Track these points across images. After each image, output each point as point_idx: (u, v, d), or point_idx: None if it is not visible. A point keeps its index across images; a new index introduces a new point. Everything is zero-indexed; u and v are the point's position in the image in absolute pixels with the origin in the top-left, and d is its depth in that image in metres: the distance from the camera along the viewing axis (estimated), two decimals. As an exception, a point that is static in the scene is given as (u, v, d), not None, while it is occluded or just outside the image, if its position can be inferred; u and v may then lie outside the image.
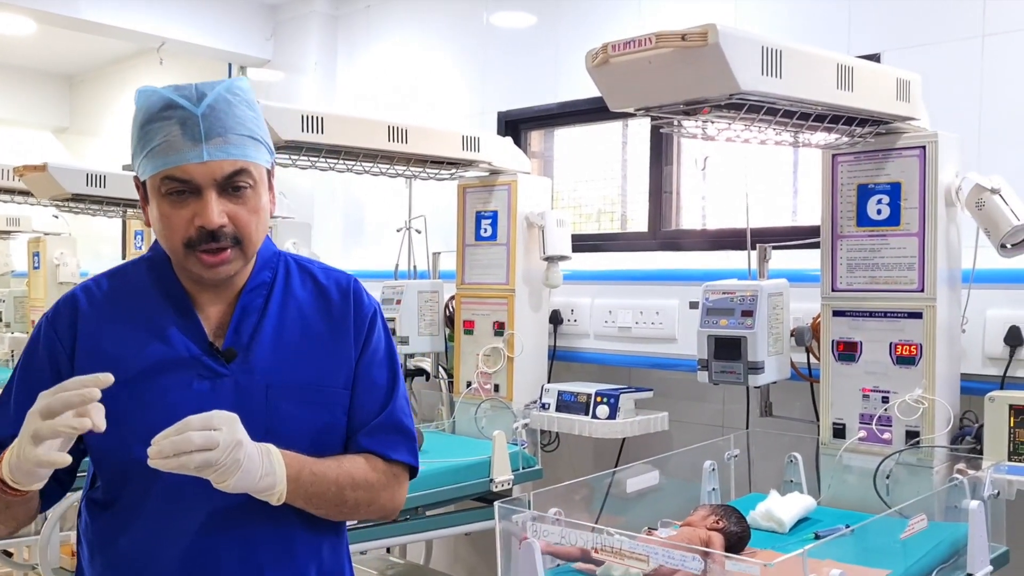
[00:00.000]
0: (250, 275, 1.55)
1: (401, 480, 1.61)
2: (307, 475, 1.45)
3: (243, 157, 1.43)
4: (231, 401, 1.45)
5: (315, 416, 1.52)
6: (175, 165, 1.40)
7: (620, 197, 3.98)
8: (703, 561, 1.69)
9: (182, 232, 1.43)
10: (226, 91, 1.44)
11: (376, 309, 1.63)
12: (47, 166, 3.92)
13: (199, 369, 1.48)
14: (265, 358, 1.51)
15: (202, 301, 1.53)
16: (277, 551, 1.50)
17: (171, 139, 1.40)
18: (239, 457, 1.32)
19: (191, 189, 1.41)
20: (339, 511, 1.53)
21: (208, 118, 1.41)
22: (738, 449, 2.69)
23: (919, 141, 2.45)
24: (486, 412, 3.44)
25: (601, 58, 1.99)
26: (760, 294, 2.67)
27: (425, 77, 4.51)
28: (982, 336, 2.64)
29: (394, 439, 1.59)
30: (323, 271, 1.63)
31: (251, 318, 1.52)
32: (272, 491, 1.40)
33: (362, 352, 1.58)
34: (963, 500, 2.18)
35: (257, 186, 1.46)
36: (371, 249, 4.74)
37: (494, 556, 1.95)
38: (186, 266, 1.47)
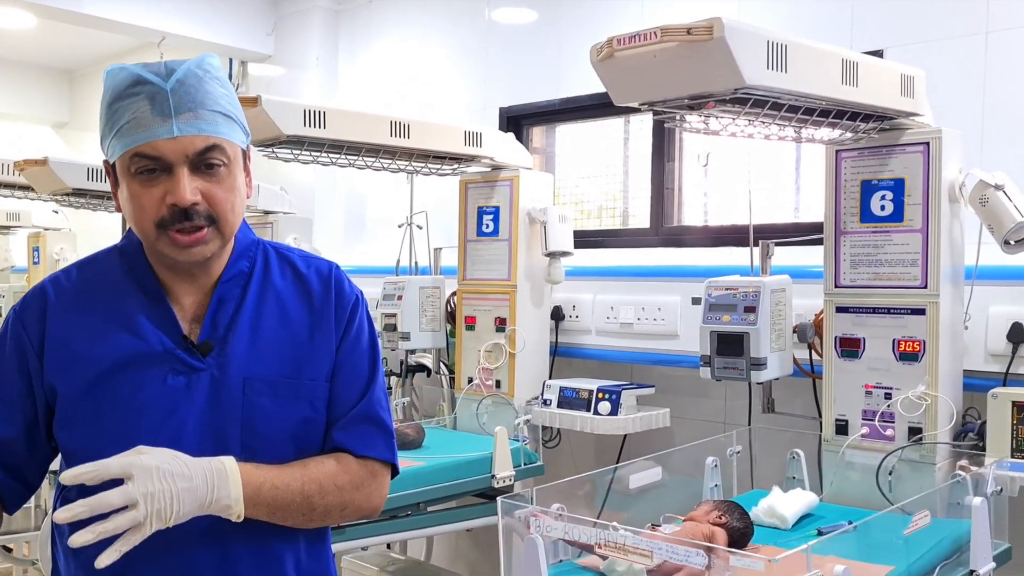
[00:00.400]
0: (227, 264, 1.48)
1: (379, 477, 1.53)
2: (268, 489, 1.38)
3: (215, 133, 1.37)
4: (206, 397, 1.41)
5: (295, 410, 1.46)
6: (144, 142, 1.34)
7: (621, 193, 3.97)
8: (707, 556, 1.68)
9: (153, 212, 1.36)
10: (196, 67, 1.38)
11: (358, 297, 1.57)
12: (48, 160, 3.91)
13: (173, 363, 1.41)
14: (243, 351, 1.44)
15: (177, 292, 1.46)
16: (253, 557, 1.44)
17: (140, 116, 1.34)
18: (163, 506, 1.26)
19: (162, 167, 1.35)
20: (308, 519, 1.45)
21: (177, 92, 1.35)
22: (740, 445, 2.69)
23: (923, 137, 2.44)
24: (487, 408, 3.44)
25: (606, 52, 1.98)
26: (763, 290, 2.67)
27: (427, 72, 4.51)
28: (985, 333, 2.64)
29: (369, 433, 1.51)
30: (303, 259, 1.57)
31: (228, 309, 1.46)
32: (229, 512, 1.34)
33: (342, 340, 1.52)
34: (966, 497, 2.18)
35: (231, 165, 1.40)
36: (372, 245, 4.73)
37: (495, 552, 1.95)
38: (159, 249, 1.40)
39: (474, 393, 3.51)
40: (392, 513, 2.83)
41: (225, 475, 1.33)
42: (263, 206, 4.35)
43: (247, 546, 1.43)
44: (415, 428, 3.24)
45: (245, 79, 5.24)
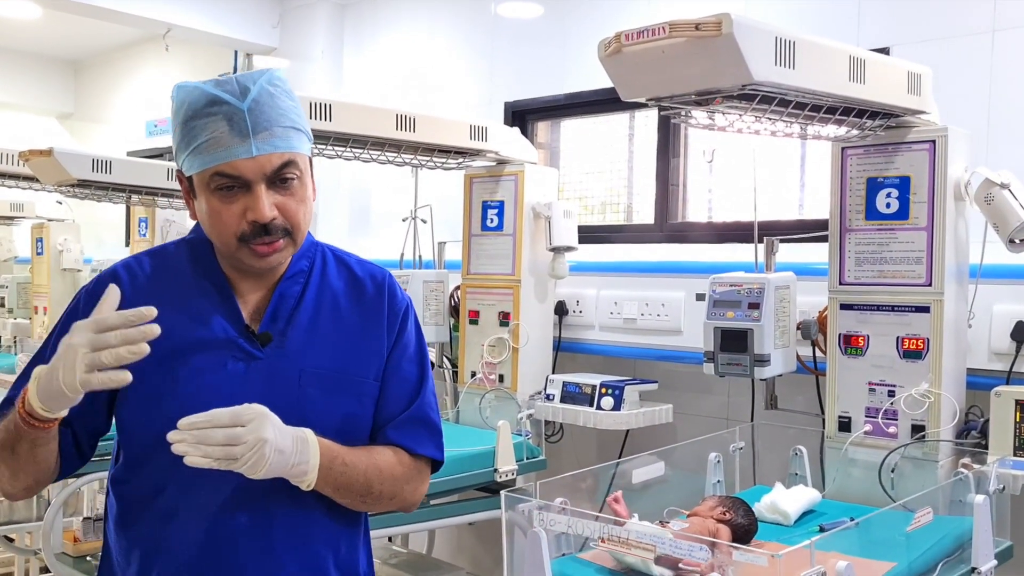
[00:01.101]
0: (289, 263, 1.57)
1: (424, 474, 1.64)
2: (339, 465, 1.47)
3: (289, 149, 1.45)
4: (263, 384, 1.48)
5: (344, 404, 1.54)
6: (224, 161, 1.41)
7: (626, 189, 3.97)
8: (710, 551, 1.69)
9: (234, 227, 1.45)
10: (268, 84, 1.46)
11: (409, 304, 1.66)
12: (53, 151, 3.91)
13: (234, 351, 1.50)
14: (299, 344, 1.53)
15: (241, 287, 1.55)
16: (295, 537, 1.51)
17: (218, 135, 1.41)
18: (265, 453, 1.34)
19: (240, 184, 1.43)
20: (363, 501, 1.55)
21: (254, 112, 1.42)
22: (743, 442, 2.70)
23: (929, 135, 2.44)
24: (490, 402, 3.44)
25: (614, 47, 1.98)
26: (767, 287, 2.67)
27: (432, 67, 4.51)
28: (988, 331, 2.64)
29: (421, 433, 1.61)
30: (359, 263, 1.66)
31: (288, 304, 1.55)
32: (304, 478, 1.43)
33: (394, 346, 1.61)
34: (968, 494, 2.18)
35: (303, 176, 1.49)
36: (376, 238, 4.73)
37: (497, 546, 1.95)
38: (238, 257, 1.49)
39: (477, 387, 3.51)
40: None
41: (307, 444, 1.43)
42: (267, 199, 4.35)
43: (289, 520, 1.50)
44: (418, 421, 3.24)
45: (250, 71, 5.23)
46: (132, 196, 4.23)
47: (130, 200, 4.33)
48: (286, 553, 1.50)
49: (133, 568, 1.51)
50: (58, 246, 5.55)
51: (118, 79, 6.76)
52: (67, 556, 3.23)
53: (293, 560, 1.51)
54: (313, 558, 1.54)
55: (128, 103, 6.58)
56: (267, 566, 1.49)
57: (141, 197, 4.27)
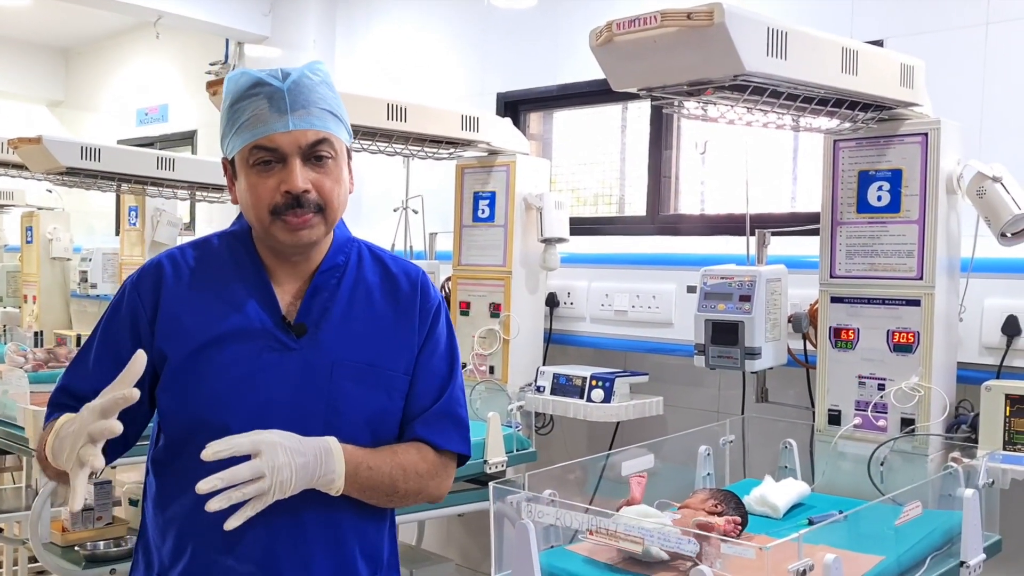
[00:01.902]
0: (325, 256, 1.62)
1: (450, 469, 1.68)
2: (364, 470, 1.52)
3: (324, 128, 1.52)
4: (297, 375, 1.53)
5: (375, 397, 1.58)
6: (263, 135, 1.49)
7: (618, 181, 3.96)
8: (698, 544, 1.69)
9: (268, 199, 1.50)
10: (309, 71, 1.54)
11: (440, 302, 1.70)
12: (42, 139, 3.89)
13: (270, 341, 1.54)
14: (333, 336, 1.57)
15: (280, 276, 1.60)
16: (324, 519, 1.56)
17: (259, 112, 1.50)
18: (285, 478, 1.41)
19: (277, 158, 1.50)
20: (389, 500, 1.60)
21: (293, 92, 1.50)
22: (733, 435, 2.69)
23: (921, 128, 2.44)
24: (481, 394, 3.43)
25: (605, 36, 1.97)
26: (758, 279, 2.66)
27: (424, 57, 4.49)
28: (979, 325, 2.64)
29: (448, 429, 1.66)
30: (393, 261, 1.70)
31: (323, 297, 1.59)
32: (331, 487, 1.49)
33: (425, 342, 1.65)
34: (957, 488, 2.18)
35: (338, 158, 1.55)
36: (367, 228, 4.70)
37: (486, 537, 1.95)
38: (272, 232, 1.53)
39: (468, 379, 3.49)
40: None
41: (331, 454, 1.48)
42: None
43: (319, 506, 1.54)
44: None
45: (241, 60, 5.21)
46: (122, 185, 4.21)
47: (120, 189, 4.31)
48: (315, 536, 1.55)
49: (168, 545, 1.56)
50: (48, 234, 5.53)
51: (109, 67, 6.72)
52: (55, 546, 3.21)
53: (320, 544, 1.56)
54: (342, 546, 1.59)
55: (119, 91, 6.54)
56: (297, 546, 1.54)
57: (131, 186, 4.24)
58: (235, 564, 1.52)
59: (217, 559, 1.53)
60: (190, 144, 5.86)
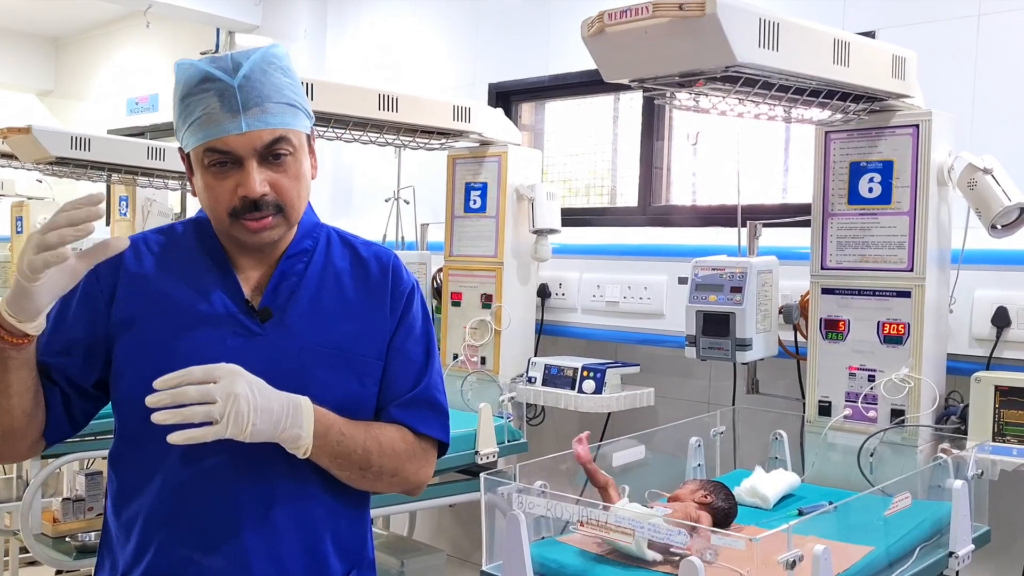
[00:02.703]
0: (291, 242, 1.58)
1: (430, 455, 1.63)
2: (335, 433, 1.47)
3: (281, 125, 1.46)
4: (263, 360, 1.47)
5: (345, 382, 1.54)
6: (215, 137, 1.43)
7: (610, 172, 3.96)
8: (689, 536, 1.69)
9: (226, 202, 1.46)
10: (261, 60, 1.47)
11: (415, 285, 1.66)
12: (31, 128, 3.87)
13: (234, 326, 1.50)
14: (300, 321, 1.53)
15: (243, 265, 1.56)
16: (295, 512, 1.51)
17: (210, 111, 1.43)
18: (241, 409, 1.35)
19: (232, 160, 1.45)
20: (363, 476, 1.54)
21: (244, 88, 1.44)
22: (724, 426, 2.70)
23: (912, 119, 2.44)
24: (472, 385, 3.43)
25: (597, 27, 1.96)
26: (749, 271, 2.67)
27: (415, 47, 4.47)
28: (969, 317, 2.64)
29: (426, 414, 1.61)
30: (364, 245, 1.66)
31: (289, 282, 1.55)
32: (298, 443, 1.42)
33: (398, 326, 1.60)
34: (947, 479, 2.19)
35: (297, 152, 1.50)
36: (359, 219, 4.70)
37: (477, 528, 1.95)
38: (232, 233, 1.50)
39: (459, 370, 3.50)
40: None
41: (300, 408, 1.43)
42: (249, 178, 4.31)
43: (290, 494, 1.50)
44: (399, 404, 3.24)
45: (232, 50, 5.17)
46: (112, 174, 4.19)
47: (110, 179, 4.29)
48: (287, 527, 1.50)
49: (132, 543, 1.50)
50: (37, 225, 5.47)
51: (99, 56, 6.68)
52: (46, 537, 3.21)
53: (293, 537, 1.51)
54: (312, 535, 1.53)
55: (109, 81, 6.51)
56: (267, 539, 1.49)
57: (121, 175, 4.22)
58: (202, 559, 1.47)
59: (183, 555, 1.47)
60: (181, 134, 5.83)
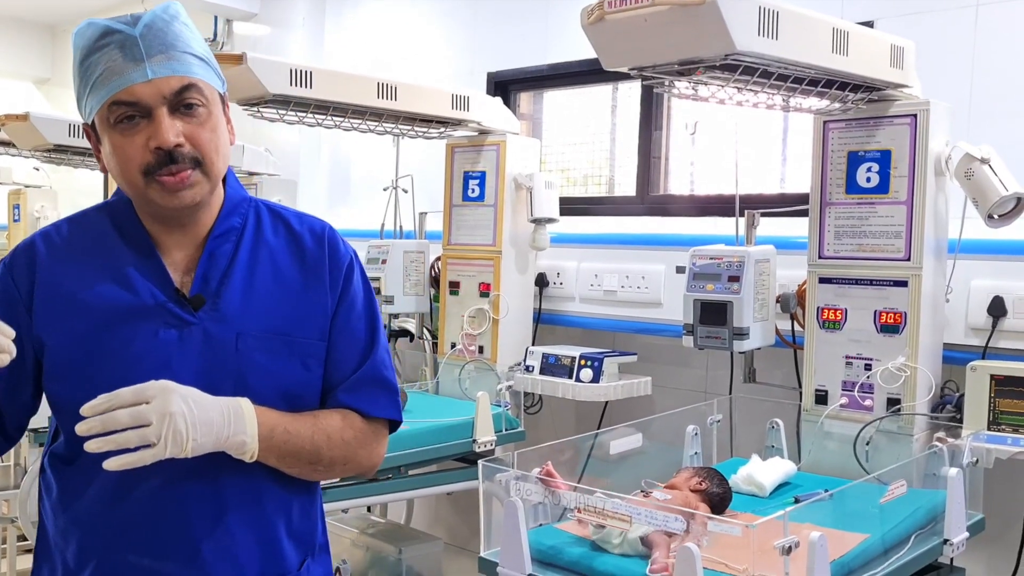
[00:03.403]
0: (218, 219, 1.48)
1: (380, 437, 1.55)
2: (280, 433, 1.40)
3: (190, 73, 1.37)
4: (198, 351, 1.40)
5: (287, 367, 1.46)
6: (120, 88, 1.34)
7: (608, 161, 3.96)
8: (685, 522, 1.70)
9: (138, 159, 1.36)
10: (162, 12, 1.39)
11: (353, 257, 1.56)
12: (29, 116, 3.87)
13: (165, 317, 1.41)
14: (235, 306, 1.44)
15: (168, 245, 1.46)
16: (245, 505, 1.44)
17: (112, 65, 1.34)
18: (179, 428, 1.28)
19: (141, 112, 1.35)
20: (313, 470, 1.48)
21: (147, 37, 1.35)
22: (721, 414, 2.71)
23: (911, 109, 2.44)
24: (470, 373, 3.44)
25: (596, 15, 1.96)
26: (747, 260, 2.67)
27: (414, 36, 4.46)
28: (966, 306, 2.65)
29: (375, 394, 1.53)
30: (297, 217, 1.56)
31: (220, 264, 1.46)
32: (243, 449, 1.36)
33: (339, 303, 1.52)
34: (942, 468, 2.21)
35: (210, 105, 1.40)
36: (357, 208, 4.70)
37: (475, 516, 1.96)
38: (149, 197, 1.39)
39: (457, 358, 3.51)
40: (373, 476, 2.84)
41: (241, 413, 1.36)
42: (248, 167, 4.31)
43: (239, 489, 1.43)
44: (397, 392, 3.24)
45: (230, 37, 5.17)
46: (109, 162, 4.18)
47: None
48: (238, 525, 1.43)
49: (73, 547, 1.43)
50: (35, 213, 5.48)
51: (96, 44, 6.65)
52: (43, 524, 3.21)
53: (246, 531, 1.44)
54: (266, 528, 1.46)
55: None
56: (219, 539, 1.42)
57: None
58: (152, 563, 1.39)
59: (130, 560, 1.39)
60: (178, 122, 5.81)
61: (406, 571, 3.39)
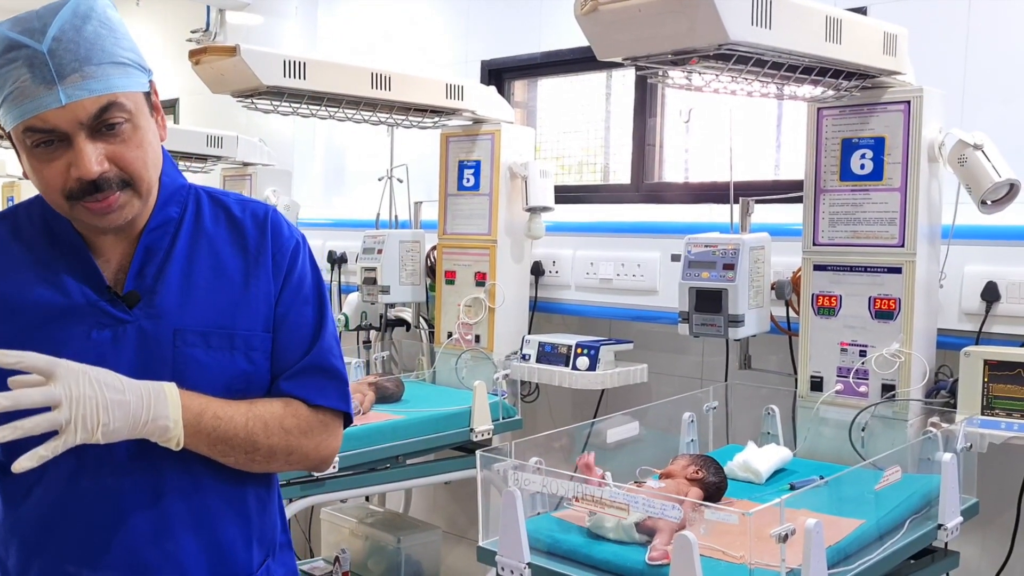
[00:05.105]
0: (153, 211, 1.39)
1: (331, 428, 1.47)
2: (209, 418, 1.32)
3: (108, 90, 1.26)
4: (134, 351, 1.34)
5: (230, 362, 1.39)
6: (32, 115, 1.24)
7: (603, 149, 3.96)
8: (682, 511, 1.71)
9: (59, 185, 1.28)
10: (72, 16, 1.25)
11: (299, 241, 1.49)
12: (21, 109, 3.85)
13: (98, 316, 1.34)
14: (173, 302, 1.37)
15: (100, 244, 1.38)
16: (190, 506, 1.38)
17: (22, 85, 1.23)
18: (87, 411, 1.20)
19: (58, 137, 1.26)
20: (250, 459, 1.39)
21: (56, 53, 1.23)
22: (717, 401, 2.73)
23: (904, 96, 2.45)
24: (467, 362, 3.45)
25: (590, 5, 1.96)
26: (742, 247, 2.68)
27: (407, 24, 4.45)
28: (959, 292, 2.66)
29: (320, 382, 1.45)
30: (239, 203, 1.48)
31: (156, 258, 1.39)
32: (167, 436, 1.28)
33: (283, 288, 1.44)
34: (936, 453, 2.23)
35: (135, 117, 1.30)
36: (352, 198, 4.70)
37: (472, 505, 1.97)
38: (75, 217, 1.32)
39: (453, 347, 3.52)
40: (371, 466, 2.86)
41: (164, 396, 1.28)
42: (242, 158, 4.31)
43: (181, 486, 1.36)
44: (395, 382, 3.26)
45: (223, 27, 5.15)
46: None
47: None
48: (183, 529, 1.37)
49: (13, 557, 1.38)
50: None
51: (88, 34, 6.62)
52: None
53: (192, 535, 1.38)
54: (214, 530, 1.39)
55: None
56: (162, 544, 1.35)
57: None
58: (91, 574, 1.33)
59: (69, 571, 1.33)
60: (172, 113, 5.80)
61: (405, 560, 3.41)
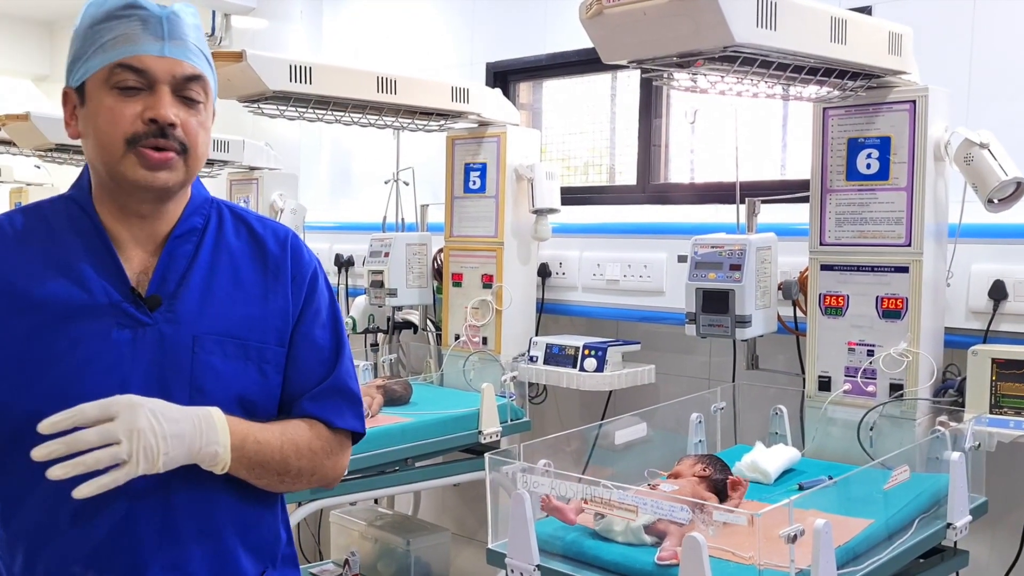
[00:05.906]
0: (180, 219, 1.44)
1: (345, 447, 1.54)
2: (251, 444, 1.37)
3: (201, 67, 1.40)
4: (152, 353, 1.36)
5: (244, 372, 1.42)
6: (132, 54, 1.33)
7: (608, 150, 3.96)
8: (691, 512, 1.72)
9: (127, 125, 1.33)
10: (184, 10, 1.40)
11: (317, 266, 1.55)
12: (30, 115, 3.87)
13: (119, 317, 1.35)
14: (193, 308, 1.40)
15: (126, 243, 1.41)
16: (197, 517, 1.39)
17: (129, 32, 1.33)
18: (151, 443, 1.24)
19: (145, 83, 1.34)
20: (281, 481, 1.44)
21: (172, 20, 1.36)
22: (724, 402, 2.72)
23: (909, 95, 2.45)
24: (474, 365, 3.46)
25: (595, 9, 1.97)
26: (748, 248, 2.68)
27: (413, 27, 4.46)
28: (966, 290, 2.66)
29: (340, 405, 1.51)
30: (259, 221, 1.53)
31: (179, 264, 1.42)
32: (215, 460, 1.33)
33: (303, 311, 1.49)
34: (944, 452, 2.22)
35: (207, 104, 1.41)
36: (358, 201, 4.71)
37: (481, 507, 1.98)
38: (121, 170, 1.35)
39: (461, 350, 3.52)
40: (380, 468, 2.86)
41: (213, 423, 1.32)
42: (248, 162, 4.32)
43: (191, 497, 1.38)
44: (403, 385, 3.26)
45: (228, 32, 5.17)
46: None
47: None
48: (189, 538, 1.38)
49: (19, 561, 1.37)
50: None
51: (94, 40, 6.64)
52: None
53: (197, 545, 1.39)
54: (219, 540, 1.41)
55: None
56: (168, 550, 1.37)
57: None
58: None
59: (76, 573, 1.34)
60: (178, 117, 5.82)
61: (414, 562, 3.41)
